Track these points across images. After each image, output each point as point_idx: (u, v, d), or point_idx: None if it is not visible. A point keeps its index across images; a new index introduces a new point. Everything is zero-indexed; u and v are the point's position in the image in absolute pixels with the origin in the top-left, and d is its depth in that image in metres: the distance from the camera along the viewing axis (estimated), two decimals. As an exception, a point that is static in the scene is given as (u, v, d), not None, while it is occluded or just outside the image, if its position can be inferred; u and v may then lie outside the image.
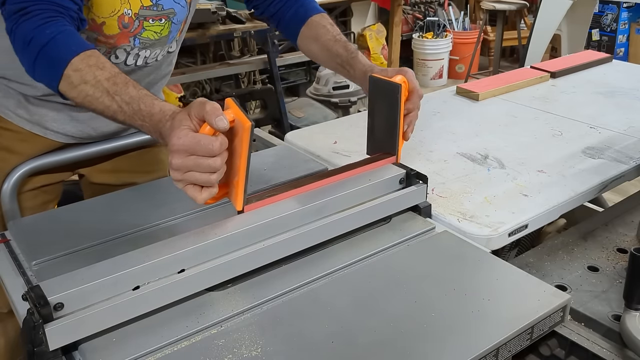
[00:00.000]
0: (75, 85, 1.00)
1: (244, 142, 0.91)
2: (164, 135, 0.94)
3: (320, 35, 1.36)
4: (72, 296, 0.80)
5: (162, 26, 1.27)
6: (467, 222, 1.10)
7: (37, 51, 1.00)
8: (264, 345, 0.81)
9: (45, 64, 1.01)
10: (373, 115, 1.24)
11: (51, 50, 1.00)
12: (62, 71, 1.00)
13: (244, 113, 0.92)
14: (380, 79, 1.20)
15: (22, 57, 1.04)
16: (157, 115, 0.95)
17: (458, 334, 0.83)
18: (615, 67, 2.04)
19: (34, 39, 1.00)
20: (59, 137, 1.34)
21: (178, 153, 0.88)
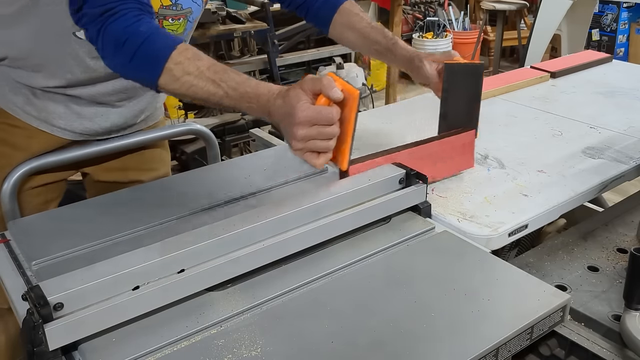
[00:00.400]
0: (178, 77, 1.06)
1: (353, 109, 1.02)
2: (272, 113, 1.03)
3: (354, 23, 1.39)
4: (71, 296, 0.80)
5: (179, 25, 1.30)
6: (467, 222, 1.10)
7: (135, 49, 1.05)
8: (264, 345, 0.81)
9: (144, 60, 1.06)
10: (447, 100, 1.27)
11: (149, 47, 1.05)
12: (162, 66, 1.05)
13: (349, 83, 1.03)
14: (458, 64, 1.25)
15: (114, 56, 1.08)
16: (265, 95, 1.04)
17: (458, 334, 0.83)
18: (615, 67, 2.04)
19: (130, 38, 1.05)
20: (65, 133, 1.36)
21: (302, 124, 0.99)
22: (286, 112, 1.00)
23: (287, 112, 1.00)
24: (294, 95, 1.00)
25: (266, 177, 1.27)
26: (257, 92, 1.05)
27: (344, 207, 1.04)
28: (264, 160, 1.38)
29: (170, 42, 1.07)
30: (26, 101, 1.31)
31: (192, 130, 1.60)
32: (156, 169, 1.57)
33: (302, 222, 1.00)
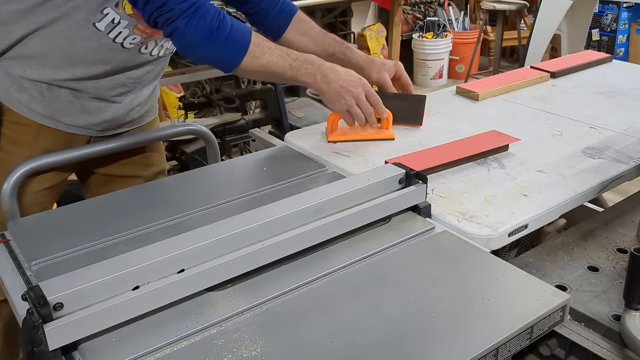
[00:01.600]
0: (259, 56, 1.27)
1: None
2: (324, 72, 1.32)
3: (308, 30, 1.56)
4: (71, 296, 0.80)
5: None
6: (467, 222, 1.10)
7: (225, 37, 1.23)
8: (264, 345, 0.81)
9: (233, 45, 1.25)
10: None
11: (235, 34, 1.24)
12: (247, 49, 1.25)
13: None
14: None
15: (206, 44, 1.23)
16: (317, 61, 1.33)
17: (458, 334, 0.83)
18: (615, 67, 2.04)
19: (220, 28, 1.22)
20: (70, 128, 1.39)
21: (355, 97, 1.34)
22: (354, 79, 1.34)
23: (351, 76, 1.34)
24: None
25: (266, 177, 1.27)
26: (311, 58, 1.32)
27: (344, 207, 1.05)
28: (264, 160, 1.38)
29: (248, 28, 1.26)
30: (32, 99, 1.32)
31: (192, 130, 1.60)
32: (155, 164, 1.62)
33: (302, 222, 1.00)
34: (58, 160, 1.35)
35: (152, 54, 1.40)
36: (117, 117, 1.44)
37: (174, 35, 1.22)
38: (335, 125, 1.47)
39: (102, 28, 1.27)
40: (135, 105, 1.47)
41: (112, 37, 1.29)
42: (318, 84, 1.33)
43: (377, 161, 1.34)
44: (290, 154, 1.40)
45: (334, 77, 1.32)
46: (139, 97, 1.47)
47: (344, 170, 1.31)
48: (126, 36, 1.31)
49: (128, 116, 1.47)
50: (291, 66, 1.30)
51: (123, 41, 1.31)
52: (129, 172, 1.55)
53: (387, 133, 1.46)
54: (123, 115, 1.45)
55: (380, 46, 5.24)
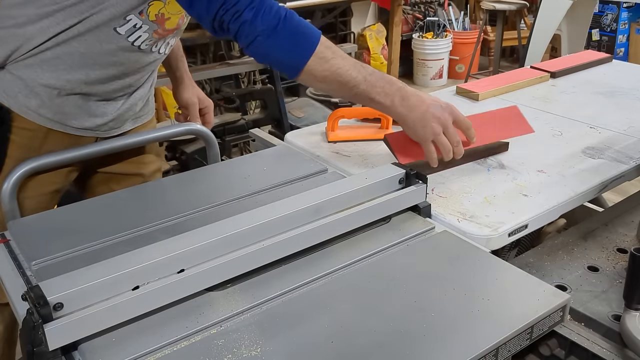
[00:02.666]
0: (328, 59, 1.14)
1: None
2: (405, 95, 1.17)
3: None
4: (71, 296, 0.80)
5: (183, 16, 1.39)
6: (467, 222, 1.10)
7: (293, 30, 1.13)
8: (264, 345, 0.81)
9: (300, 41, 1.14)
10: None
11: (304, 28, 1.15)
12: (315, 48, 1.13)
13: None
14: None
15: (273, 39, 1.13)
16: (396, 82, 1.19)
17: (457, 334, 0.83)
18: (615, 67, 2.04)
19: (287, 19, 1.13)
20: (77, 131, 1.40)
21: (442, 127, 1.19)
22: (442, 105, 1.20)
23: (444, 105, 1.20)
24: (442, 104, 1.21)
25: (266, 177, 1.27)
26: (390, 79, 1.18)
27: (344, 207, 1.05)
28: (264, 160, 1.38)
29: (318, 30, 1.16)
30: (41, 104, 1.32)
31: (192, 130, 1.60)
32: (152, 162, 1.63)
33: (302, 222, 1.00)
34: (58, 160, 1.35)
35: (160, 52, 1.42)
36: (121, 114, 1.45)
37: (241, 31, 1.13)
38: (335, 125, 1.47)
39: (123, 32, 1.27)
40: (137, 100, 1.48)
41: (131, 41, 1.29)
42: (396, 108, 1.18)
43: (377, 161, 1.34)
44: (290, 154, 1.40)
45: (417, 102, 1.17)
46: (141, 92, 1.48)
47: (344, 170, 1.31)
48: (145, 40, 1.31)
49: (131, 111, 1.48)
50: (365, 79, 1.16)
51: (141, 44, 1.32)
52: (127, 170, 1.56)
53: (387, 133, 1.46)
54: (126, 111, 1.46)
55: (380, 46, 5.24)
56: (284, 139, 1.50)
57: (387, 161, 1.19)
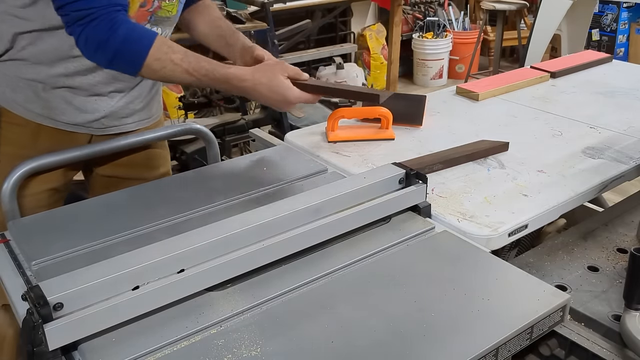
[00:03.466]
0: (157, 70, 1.21)
1: None
2: (251, 95, 1.27)
3: (208, 12, 1.54)
4: (71, 296, 0.80)
5: (174, 5, 1.39)
6: (467, 222, 1.10)
7: (114, 51, 1.17)
8: (264, 345, 0.81)
9: (125, 59, 1.20)
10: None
11: (128, 47, 1.18)
12: (142, 63, 1.19)
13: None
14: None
15: (95, 56, 1.20)
16: (234, 80, 1.24)
17: (458, 334, 0.83)
18: (615, 67, 2.04)
19: (110, 41, 1.16)
20: (69, 127, 1.39)
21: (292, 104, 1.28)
22: (279, 98, 1.25)
23: (281, 99, 1.25)
24: (281, 83, 1.24)
25: (266, 177, 1.27)
26: (227, 78, 1.23)
27: (343, 207, 1.04)
28: (264, 160, 1.38)
29: (147, 41, 1.19)
30: (27, 98, 1.33)
31: (192, 130, 1.60)
32: (159, 167, 1.62)
33: (302, 222, 1.00)
34: (58, 160, 1.35)
35: None
36: (115, 111, 1.44)
37: (75, 38, 1.19)
38: (335, 125, 1.47)
39: None
40: (135, 97, 1.47)
41: None
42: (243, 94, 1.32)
43: (377, 161, 1.34)
44: (290, 154, 1.40)
45: (266, 101, 1.27)
46: (139, 90, 1.47)
47: (344, 170, 1.31)
48: None
49: (128, 109, 1.47)
50: (201, 81, 1.25)
51: None
52: (133, 174, 1.54)
53: (387, 133, 1.46)
54: (122, 108, 1.45)
55: (380, 46, 5.24)
56: (284, 139, 1.50)
57: (387, 161, 1.19)
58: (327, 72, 4.02)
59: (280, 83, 1.24)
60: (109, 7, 1.17)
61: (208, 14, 1.53)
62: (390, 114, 1.46)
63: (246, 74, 1.24)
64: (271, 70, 1.26)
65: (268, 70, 1.26)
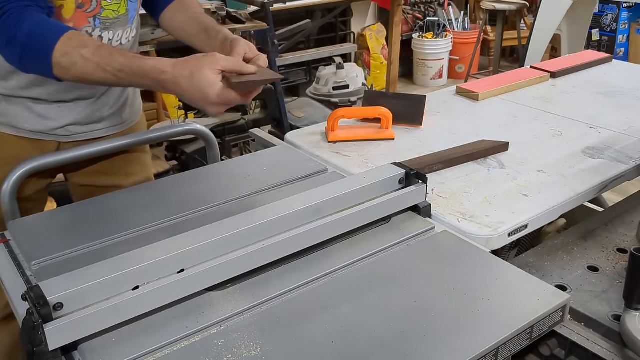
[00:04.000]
0: (68, 68, 1.08)
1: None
2: (171, 90, 1.08)
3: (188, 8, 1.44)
4: (71, 296, 0.80)
5: (118, 4, 1.29)
6: (467, 222, 1.10)
7: (21, 46, 1.08)
8: (264, 345, 0.81)
9: (32, 57, 1.09)
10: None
11: (34, 42, 1.07)
12: (50, 59, 1.08)
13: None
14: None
15: (6, 55, 1.12)
16: (153, 73, 1.07)
17: (458, 334, 0.83)
18: (615, 67, 2.04)
19: (17, 36, 1.07)
20: (32, 134, 1.35)
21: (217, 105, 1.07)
22: (199, 96, 1.06)
23: (200, 96, 1.06)
24: (204, 77, 1.05)
25: (266, 177, 1.27)
26: (144, 70, 1.08)
27: (344, 207, 1.04)
28: (264, 160, 1.38)
29: (55, 34, 1.08)
30: None
31: (192, 130, 1.60)
32: (136, 173, 1.55)
33: (302, 222, 1.00)
34: (58, 160, 1.35)
35: None
36: (82, 118, 1.38)
37: None
38: (335, 125, 1.47)
39: None
40: (102, 105, 1.41)
41: None
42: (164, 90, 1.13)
43: (377, 161, 1.34)
44: (290, 154, 1.40)
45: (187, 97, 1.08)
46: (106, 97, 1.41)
47: (344, 170, 1.31)
48: None
49: (94, 116, 1.41)
50: (118, 77, 1.09)
51: None
52: (109, 182, 1.48)
53: (387, 133, 1.46)
54: (87, 117, 1.39)
55: (380, 46, 5.24)
56: (284, 139, 1.50)
57: (387, 161, 1.19)
58: (327, 72, 4.01)
59: (203, 77, 1.04)
60: (18, 2, 1.08)
61: (188, 10, 1.43)
62: (390, 113, 1.46)
63: (166, 65, 1.07)
64: (197, 62, 1.06)
65: (193, 62, 1.07)
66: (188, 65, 1.06)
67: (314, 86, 4.09)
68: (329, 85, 3.97)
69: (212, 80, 1.05)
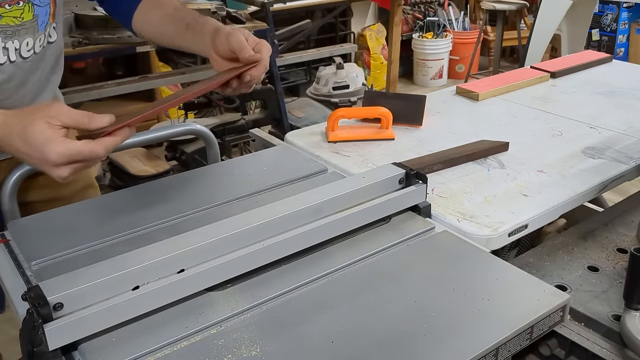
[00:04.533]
0: None
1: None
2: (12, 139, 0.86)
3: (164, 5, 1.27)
4: (71, 296, 0.80)
5: (21, 9, 1.15)
6: (467, 222, 1.10)
7: None
8: (264, 345, 0.81)
9: None
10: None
11: None
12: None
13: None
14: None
15: None
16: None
17: (457, 334, 0.83)
18: (615, 67, 2.04)
19: None
20: None
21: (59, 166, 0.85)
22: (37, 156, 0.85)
23: (38, 157, 0.85)
24: (39, 133, 0.84)
25: (266, 177, 1.27)
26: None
27: (344, 207, 1.04)
28: (264, 160, 1.38)
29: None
30: None
31: (192, 130, 1.60)
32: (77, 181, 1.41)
33: (302, 222, 1.00)
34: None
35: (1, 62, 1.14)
36: None
37: None
38: (335, 125, 1.47)
39: None
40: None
41: None
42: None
43: (377, 161, 1.34)
44: (290, 154, 1.40)
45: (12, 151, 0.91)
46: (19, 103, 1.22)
47: (344, 170, 1.31)
48: None
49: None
50: None
51: None
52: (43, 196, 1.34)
53: (387, 133, 1.46)
54: None
55: (380, 46, 5.24)
56: (284, 139, 1.50)
57: (387, 161, 1.19)
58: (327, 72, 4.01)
59: (38, 133, 0.83)
60: None
61: (163, 7, 1.26)
62: (390, 114, 1.46)
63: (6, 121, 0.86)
64: (30, 115, 0.85)
65: (27, 114, 0.87)
66: (21, 118, 0.86)
67: (314, 86, 4.09)
68: (329, 85, 3.97)
69: (49, 136, 0.84)
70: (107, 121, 0.88)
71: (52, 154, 0.84)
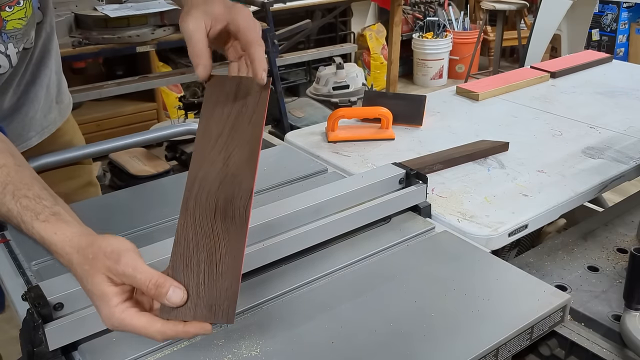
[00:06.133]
0: None
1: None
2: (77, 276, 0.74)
3: None
4: (71, 296, 0.80)
5: (24, 8, 1.11)
6: (467, 222, 1.10)
7: None
8: (264, 345, 0.81)
9: None
10: None
11: None
12: None
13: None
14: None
15: None
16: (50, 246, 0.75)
17: (458, 334, 0.83)
18: (615, 67, 2.04)
19: None
20: None
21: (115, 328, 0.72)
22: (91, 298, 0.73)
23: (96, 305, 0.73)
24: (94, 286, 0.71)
25: (266, 177, 1.27)
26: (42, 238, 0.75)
27: (344, 207, 1.04)
28: (264, 160, 1.38)
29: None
30: None
31: (192, 130, 1.60)
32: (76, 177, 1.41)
33: (302, 222, 1.00)
34: (57, 160, 1.34)
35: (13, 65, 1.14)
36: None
37: None
38: (335, 125, 1.47)
39: None
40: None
41: None
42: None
43: (377, 161, 1.34)
44: (290, 154, 1.40)
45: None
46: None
47: (344, 170, 1.31)
48: None
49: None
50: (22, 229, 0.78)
51: None
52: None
53: (387, 133, 1.46)
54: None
55: (380, 46, 5.24)
56: (284, 139, 1.50)
57: (387, 161, 1.19)
58: (327, 72, 4.01)
59: (93, 286, 0.71)
60: None
61: None
62: (390, 114, 1.46)
63: (65, 246, 0.74)
64: (90, 264, 0.72)
65: (88, 261, 0.72)
66: (83, 263, 0.72)
67: (314, 86, 4.09)
68: (329, 85, 3.97)
69: (104, 292, 0.71)
70: (179, 300, 0.71)
71: (101, 313, 0.72)
